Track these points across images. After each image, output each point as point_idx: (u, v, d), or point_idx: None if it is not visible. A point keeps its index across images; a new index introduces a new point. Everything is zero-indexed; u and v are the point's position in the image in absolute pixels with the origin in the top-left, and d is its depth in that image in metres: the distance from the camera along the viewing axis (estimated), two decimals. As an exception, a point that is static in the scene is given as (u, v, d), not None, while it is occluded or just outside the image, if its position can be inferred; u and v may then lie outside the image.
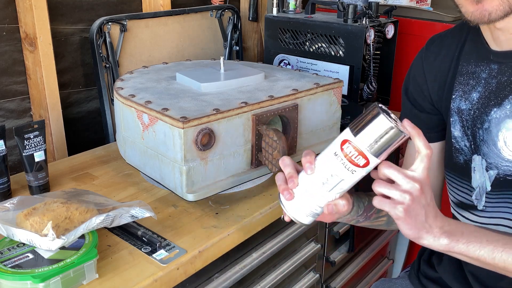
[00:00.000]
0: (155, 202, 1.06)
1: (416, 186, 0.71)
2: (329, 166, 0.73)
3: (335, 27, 1.48)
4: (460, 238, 0.75)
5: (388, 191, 0.71)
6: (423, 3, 1.86)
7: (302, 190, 0.76)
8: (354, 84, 1.49)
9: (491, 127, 0.89)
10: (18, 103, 1.33)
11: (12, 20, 1.27)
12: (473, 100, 0.91)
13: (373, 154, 0.70)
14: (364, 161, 0.70)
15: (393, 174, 0.71)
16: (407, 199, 0.70)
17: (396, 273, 1.91)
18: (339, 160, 0.71)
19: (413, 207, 0.71)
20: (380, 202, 0.72)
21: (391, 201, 0.71)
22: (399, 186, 0.71)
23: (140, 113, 1.04)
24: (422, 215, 0.73)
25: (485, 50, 0.90)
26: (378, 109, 0.69)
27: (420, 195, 0.71)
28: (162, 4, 1.56)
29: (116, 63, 1.43)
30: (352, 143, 0.70)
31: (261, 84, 1.19)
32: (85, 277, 0.80)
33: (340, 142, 0.71)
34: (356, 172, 0.71)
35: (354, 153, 0.70)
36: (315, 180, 0.74)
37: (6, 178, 1.05)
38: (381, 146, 0.69)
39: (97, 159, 1.28)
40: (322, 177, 0.73)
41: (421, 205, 0.72)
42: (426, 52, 1.01)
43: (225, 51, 1.75)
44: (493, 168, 0.89)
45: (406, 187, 0.71)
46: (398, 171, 0.71)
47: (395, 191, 0.71)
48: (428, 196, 0.73)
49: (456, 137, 0.95)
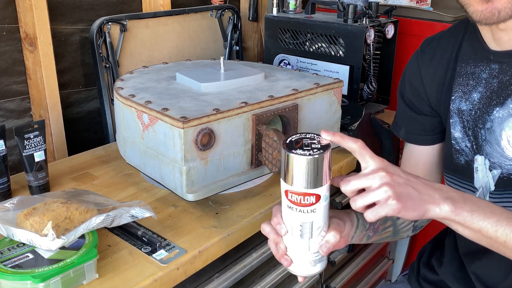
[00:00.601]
0: (155, 202, 1.06)
1: (382, 174, 0.69)
2: (293, 220, 0.72)
3: (335, 27, 1.48)
4: (464, 205, 0.72)
5: (367, 198, 0.69)
6: (423, 3, 1.86)
7: (292, 251, 0.76)
8: (354, 84, 1.49)
9: (493, 127, 0.88)
10: (18, 103, 1.33)
11: (12, 20, 1.27)
12: (474, 101, 0.91)
13: (316, 187, 0.69)
14: (313, 197, 0.70)
15: (356, 184, 0.70)
16: (387, 190, 0.68)
17: (396, 273, 1.91)
18: (295, 210, 0.71)
19: (399, 191, 0.69)
20: (372, 212, 0.69)
21: (380, 204, 0.69)
22: (370, 187, 0.69)
23: (140, 113, 1.04)
24: (413, 191, 0.71)
25: (484, 51, 0.90)
26: (286, 150, 0.68)
27: (392, 177, 0.69)
28: (162, 4, 1.56)
29: (116, 63, 1.43)
30: (292, 191, 0.70)
31: (261, 84, 1.19)
32: (85, 277, 0.80)
33: (284, 194, 0.71)
34: (317, 208, 0.71)
35: (301, 197, 0.70)
36: (293, 236, 0.74)
37: (6, 178, 1.05)
38: (315, 176, 0.68)
39: (97, 159, 1.28)
40: (296, 231, 0.73)
41: (403, 184, 0.70)
42: (421, 55, 1.01)
43: (225, 51, 1.75)
44: (496, 167, 0.89)
45: (376, 183, 0.69)
46: (357, 178, 0.70)
47: (372, 193, 0.69)
48: (400, 173, 0.71)
49: (456, 138, 0.95)
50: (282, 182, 0.71)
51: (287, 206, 0.72)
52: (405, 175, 0.72)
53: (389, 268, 1.84)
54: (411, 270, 1.16)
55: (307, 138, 0.71)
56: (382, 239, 0.97)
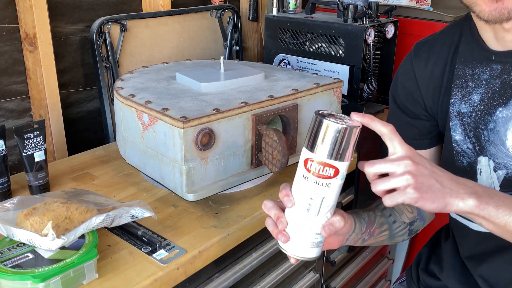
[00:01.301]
0: (155, 202, 1.06)
1: (407, 162, 0.68)
2: (305, 191, 0.71)
3: (335, 27, 1.48)
4: (489, 200, 0.71)
5: (388, 183, 0.69)
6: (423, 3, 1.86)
7: (293, 226, 0.74)
8: (354, 84, 1.49)
9: (497, 127, 0.87)
10: (18, 103, 1.33)
11: (12, 20, 1.27)
12: (474, 102, 0.90)
13: (338, 160, 0.69)
14: (333, 170, 0.69)
15: (380, 167, 0.69)
16: (409, 178, 0.68)
17: (396, 273, 1.91)
18: (310, 181, 0.70)
19: (421, 181, 0.68)
20: (390, 198, 0.69)
21: (399, 191, 0.69)
22: (393, 173, 0.69)
23: (140, 113, 1.04)
24: (435, 183, 0.70)
25: (484, 51, 0.89)
26: (319, 116, 0.68)
27: (417, 167, 0.69)
28: (162, 4, 1.56)
29: (116, 63, 1.43)
30: (313, 159, 0.69)
31: (261, 84, 1.19)
32: (85, 277, 0.80)
33: (303, 163, 0.70)
34: (332, 184, 0.70)
35: (320, 167, 0.69)
36: (299, 210, 0.72)
37: (6, 178, 1.05)
38: (340, 148, 0.68)
39: (97, 159, 1.28)
40: (304, 204, 0.72)
41: (426, 175, 0.69)
42: (415, 58, 1.00)
43: (225, 51, 1.75)
44: (501, 168, 0.88)
45: (400, 170, 0.68)
46: (383, 162, 0.69)
47: (394, 180, 0.68)
48: (426, 164, 0.70)
49: (457, 141, 0.94)
50: (304, 150, 0.70)
51: (303, 176, 0.70)
52: (431, 166, 0.71)
53: (389, 268, 1.84)
54: (408, 276, 1.15)
55: (338, 116, 0.70)
56: (377, 243, 0.96)
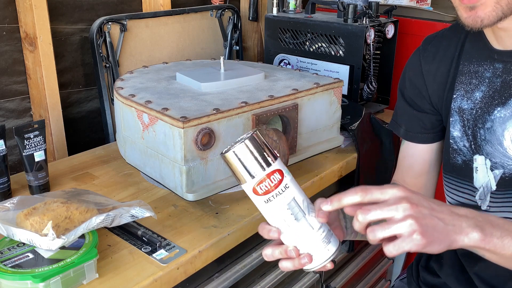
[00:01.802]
0: (155, 202, 1.06)
1: (406, 205, 0.64)
2: (278, 210, 0.70)
3: (335, 27, 1.48)
4: (493, 231, 0.68)
5: (389, 230, 0.64)
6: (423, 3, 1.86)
7: (301, 242, 0.72)
8: (354, 84, 1.49)
9: (494, 127, 0.88)
10: (18, 103, 1.33)
11: (12, 20, 1.27)
12: (476, 99, 0.91)
13: (271, 163, 0.69)
14: (277, 174, 0.70)
15: (378, 214, 0.65)
16: (413, 223, 0.63)
17: (396, 273, 1.91)
18: (274, 198, 0.70)
19: (425, 224, 0.64)
20: (395, 247, 0.63)
21: (403, 238, 0.63)
22: (392, 219, 0.64)
23: (140, 113, 1.04)
24: (438, 222, 0.65)
25: (487, 49, 0.89)
26: (224, 153, 0.70)
27: (417, 208, 0.64)
28: (162, 4, 1.56)
29: (116, 63, 1.43)
30: (258, 182, 0.69)
31: (261, 84, 1.19)
32: (85, 276, 0.80)
33: (254, 193, 0.70)
34: (288, 183, 0.70)
35: (268, 181, 0.69)
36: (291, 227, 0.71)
37: (6, 178, 1.05)
38: (263, 154, 0.69)
39: (97, 159, 1.28)
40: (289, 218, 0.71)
41: (428, 216, 0.65)
42: (423, 52, 1.00)
43: (225, 51, 1.75)
44: (498, 167, 0.88)
45: (399, 214, 0.64)
46: (379, 208, 0.65)
47: (395, 226, 0.63)
48: (424, 202, 0.67)
49: (455, 137, 0.94)
50: (245, 186, 0.70)
51: (265, 202, 0.70)
52: (429, 204, 0.67)
53: (389, 268, 1.84)
54: (409, 273, 1.15)
55: (238, 140, 0.71)
56: None
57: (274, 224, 0.72)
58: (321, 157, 1.26)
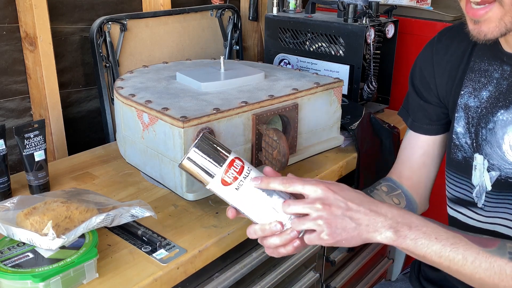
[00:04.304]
0: (155, 202, 1.06)
1: (319, 206, 0.72)
2: (250, 193, 0.76)
3: (335, 27, 1.48)
4: (408, 233, 0.74)
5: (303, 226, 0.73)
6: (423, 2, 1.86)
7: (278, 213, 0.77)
8: (354, 84, 1.49)
9: (496, 128, 0.88)
10: (18, 103, 1.33)
11: (12, 20, 1.27)
12: (482, 98, 0.91)
13: (229, 153, 0.76)
14: (238, 161, 0.76)
15: (295, 209, 0.74)
16: (322, 224, 0.72)
17: (396, 273, 1.91)
18: (244, 182, 0.76)
19: (334, 225, 0.72)
20: (309, 239, 0.74)
21: (315, 235, 0.73)
22: (309, 215, 0.73)
23: (140, 112, 1.04)
24: (349, 223, 0.73)
25: (498, 50, 0.89)
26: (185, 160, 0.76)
27: (330, 209, 0.72)
28: (162, 3, 1.56)
29: (116, 63, 1.43)
30: (224, 173, 0.75)
31: (261, 83, 1.19)
32: (85, 276, 0.80)
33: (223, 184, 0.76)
34: (249, 167, 0.77)
35: (232, 168, 0.75)
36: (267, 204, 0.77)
37: (6, 178, 1.05)
38: (220, 147, 0.77)
39: (97, 159, 1.28)
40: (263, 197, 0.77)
41: (339, 217, 0.73)
42: (437, 45, 1.00)
43: (225, 51, 1.75)
44: (495, 169, 0.89)
45: (313, 213, 0.73)
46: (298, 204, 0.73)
47: (308, 223, 0.72)
48: (340, 202, 0.73)
49: (458, 133, 0.95)
50: (212, 184, 0.76)
51: (236, 189, 0.76)
52: (345, 203, 0.74)
53: (389, 268, 1.84)
54: (412, 268, 1.16)
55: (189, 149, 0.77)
56: None
57: (249, 208, 0.77)
58: (321, 157, 1.26)
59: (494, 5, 0.76)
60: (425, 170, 1.04)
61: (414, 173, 1.05)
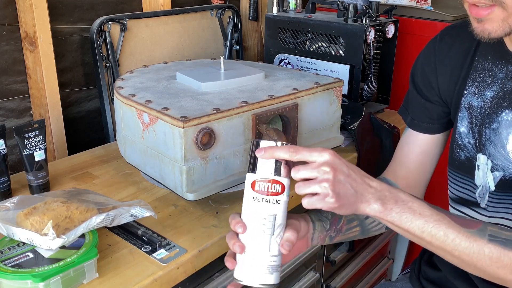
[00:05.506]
0: (155, 202, 1.06)
1: (326, 169, 0.72)
2: (257, 213, 0.73)
3: (335, 27, 1.48)
4: (394, 206, 0.75)
5: (308, 189, 0.72)
6: (424, 2, 1.86)
7: (250, 251, 0.75)
8: (354, 84, 1.49)
9: (500, 129, 0.88)
10: (18, 103, 1.33)
11: (12, 20, 1.27)
12: (486, 98, 0.90)
13: (283, 176, 0.73)
14: (280, 186, 0.73)
15: (304, 174, 0.73)
16: (327, 187, 0.71)
17: (396, 273, 1.91)
18: (261, 201, 0.73)
19: (338, 189, 0.72)
20: (308, 202, 0.73)
21: (318, 197, 0.72)
22: (315, 179, 0.72)
23: (140, 112, 1.04)
24: (349, 189, 0.73)
25: (503, 50, 0.89)
26: (256, 140, 0.74)
27: (335, 173, 0.72)
28: (162, 3, 1.56)
29: (116, 63, 1.43)
30: (260, 179, 0.73)
31: (261, 83, 1.19)
32: (85, 276, 0.80)
33: (250, 186, 0.73)
34: (281, 200, 0.73)
35: (268, 185, 0.72)
36: (254, 233, 0.74)
37: (6, 178, 1.05)
38: (282, 164, 0.73)
39: (97, 159, 1.28)
40: (258, 225, 0.74)
41: (342, 182, 0.73)
42: (440, 43, 0.99)
43: (225, 51, 1.75)
44: (499, 169, 0.88)
45: (320, 176, 0.72)
46: (306, 169, 0.73)
47: (314, 186, 0.72)
48: (344, 168, 0.74)
49: (461, 133, 0.94)
50: (249, 175, 0.73)
51: (252, 199, 0.73)
52: (348, 170, 0.74)
53: (389, 268, 1.84)
54: (412, 268, 1.16)
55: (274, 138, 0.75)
56: (349, 238, 0.98)
57: (245, 220, 0.75)
58: (321, 157, 1.26)
59: (496, 8, 0.76)
60: (422, 170, 1.04)
61: (411, 173, 1.05)
